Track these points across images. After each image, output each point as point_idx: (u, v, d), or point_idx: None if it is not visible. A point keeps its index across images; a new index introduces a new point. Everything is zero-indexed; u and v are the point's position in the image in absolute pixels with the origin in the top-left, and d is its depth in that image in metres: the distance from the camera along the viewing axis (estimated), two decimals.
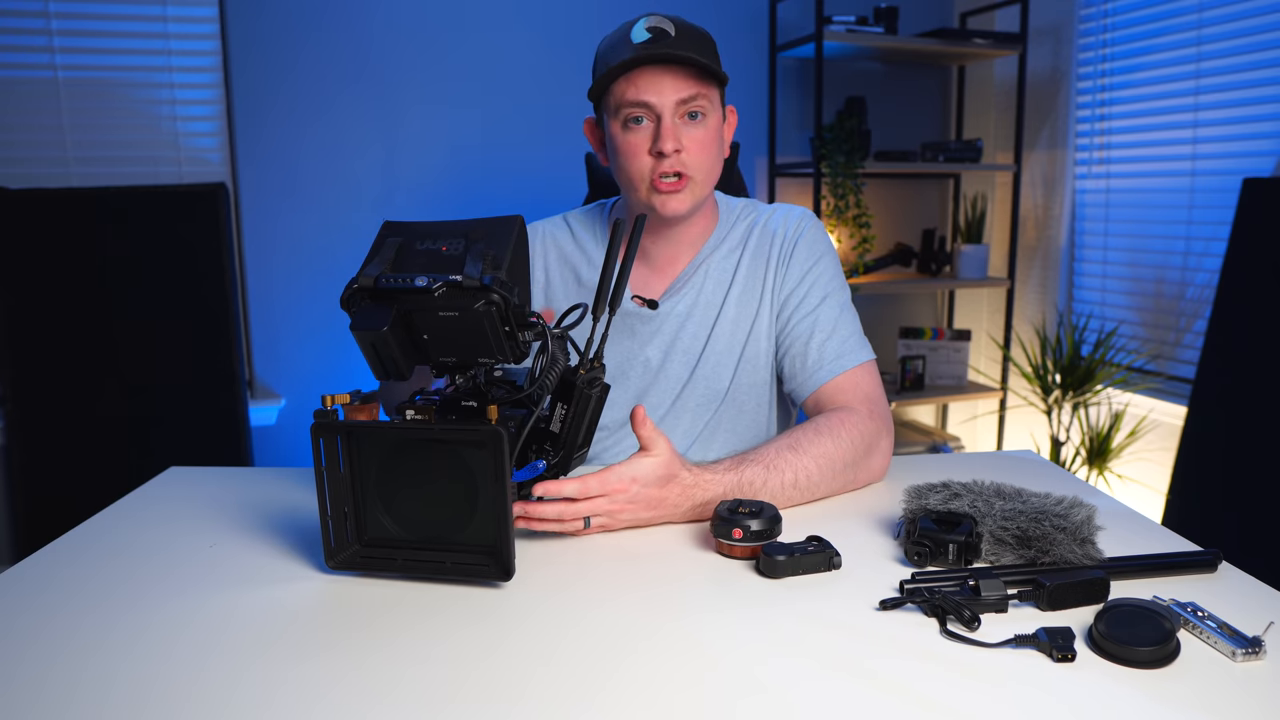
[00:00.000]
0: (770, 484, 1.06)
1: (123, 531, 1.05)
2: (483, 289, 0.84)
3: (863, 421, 1.16)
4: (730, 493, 1.03)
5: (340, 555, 0.89)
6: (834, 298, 1.27)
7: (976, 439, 3.39)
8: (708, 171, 1.21)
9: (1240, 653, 0.72)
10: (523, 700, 0.68)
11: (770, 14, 3.01)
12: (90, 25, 2.57)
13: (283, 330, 2.81)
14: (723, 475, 1.04)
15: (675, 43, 1.14)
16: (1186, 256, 2.55)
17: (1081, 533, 0.87)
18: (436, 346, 0.90)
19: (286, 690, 0.70)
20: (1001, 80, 3.22)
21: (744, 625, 0.80)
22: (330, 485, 0.88)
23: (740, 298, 1.29)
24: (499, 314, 0.86)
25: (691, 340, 1.30)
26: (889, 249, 3.25)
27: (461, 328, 0.87)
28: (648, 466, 0.98)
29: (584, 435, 0.99)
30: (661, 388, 1.30)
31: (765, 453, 1.08)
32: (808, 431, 1.12)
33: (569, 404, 0.97)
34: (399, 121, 2.81)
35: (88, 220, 2.38)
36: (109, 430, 2.41)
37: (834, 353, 1.24)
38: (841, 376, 1.23)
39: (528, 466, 0.95)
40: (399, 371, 0.89)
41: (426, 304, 0.86)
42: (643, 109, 1.16)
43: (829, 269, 1.29)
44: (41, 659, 0.75)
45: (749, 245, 1.31)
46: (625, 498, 0.98)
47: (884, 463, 1.19)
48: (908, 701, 0.67)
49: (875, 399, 1.22)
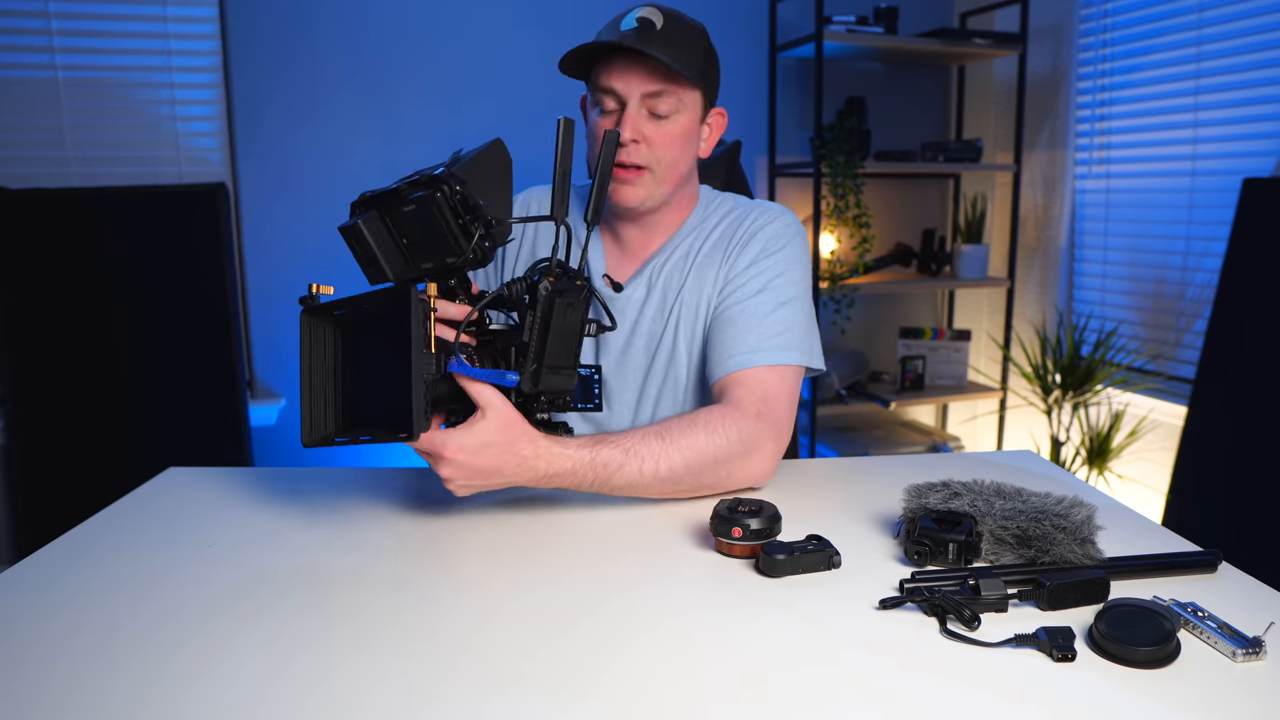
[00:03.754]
0: (628, 469, 1.02)
1: (122, 531, 1.05)
2: (433, 180, 0.92)
3: (745, 421, 1.10)
4: (580, 470, 1.00)
5: (314, 436, 0.95)
6: (774, 293, 1.21)
7: (976, 439, 3.39)
8: (669, 167, 1.21)
9: (1240, 653, 0.72)
10: (519, 695, 0.68)
11: (770, 14, 3.01)
12: (90, 25, 2.57)
13: (283, 330, 2.81)
14: (574, 451, 1.00)
15: (654, 37, 1.15)
16: (1186, 256, 2.55)
17: (1082, 532, 0.87)
18: (415, 251, 0.97)
19: (286, 690, 0.70)
20: (1001, 80, 3.22)
21: (743, 624, 0.80)
22: (314, 369, 0.95)
23: (694, 285, 1.27)
24: (446, 202, 0.92)
25: (651, 325, 1.29)
26: (889, 249, 3.25)
27: (422, 223, 0.94)
28: (476, 436, 0.94)
29: (555, 348, 0.97)
30: (626, 373, 1.30)
31: (629, 437, 1.04)
32: (681, 422, 1.08)
33: (534, 311, 0.97)
34: (399, 121, 2.81)
35: (88, 220, 2.37)
36: (109, 430, 2.41)
37: (747, 346, 1.18)
38: (746, 371, 1.17)
39: (495, 372, 0.95)
40: (381, 271, 0.97)
41: (396, 202, 0.95)
42: (610, 95, 1.19)
43: (780, 265, 1.23)
44: (41, 659, 0.75)
45: (713, 235, 1.29)
46: (452, 466, 0.94)
47: (765, 466, 1.13)
48: (907, 701, 0.67)
49: (772, 401, 1.15)
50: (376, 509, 1.10)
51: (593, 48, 1.18)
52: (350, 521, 1.06)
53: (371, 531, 1.03)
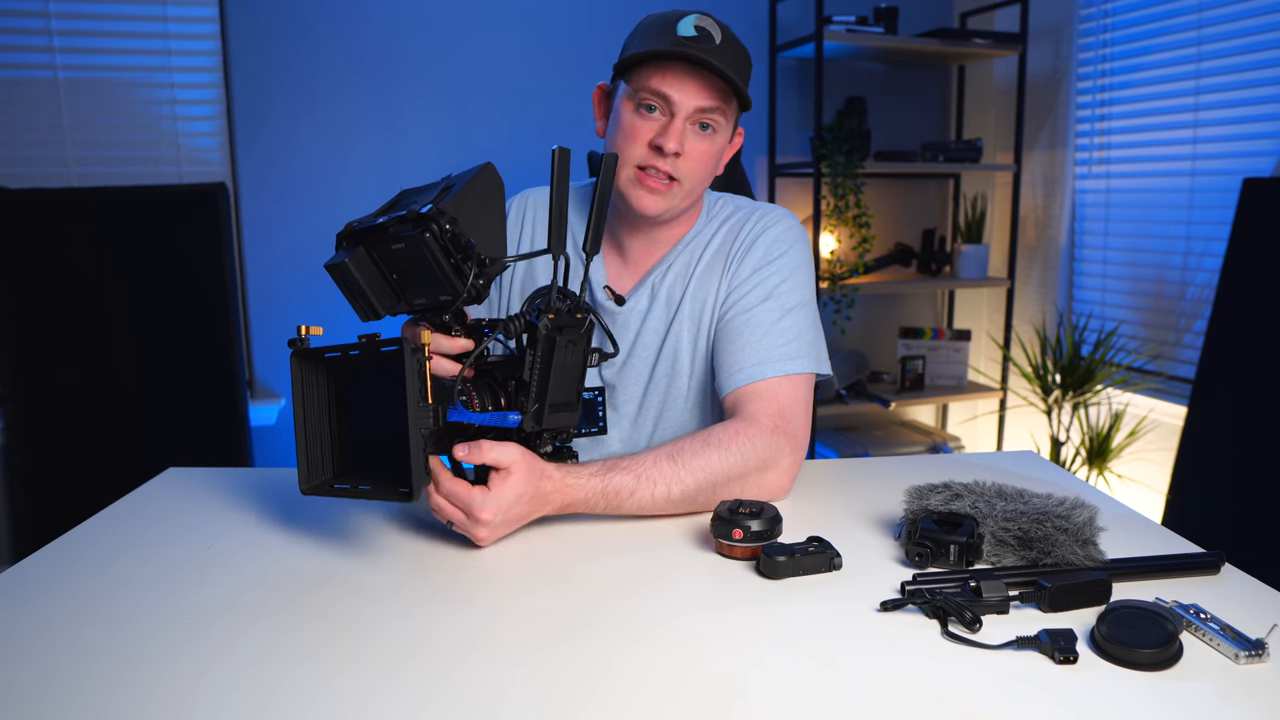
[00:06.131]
0: (639, 495, 1.02)
1: (122, 532, 1.05)
2: (421, 218, 0.89)
3: (761, 435, 1.09)
4: (593, 499, 1.00)
5: (312, 482, 0.93)
6: (779, 300, 1.20)
7: (976, 439, 3.39)
8: (696, 183, 1.19)
9: (1243, 655, 0.72)
10: (519, 696, 0.68)
11: (770, 14, 3.01)
12: (90, 25, 2.57)
13: (283, 330, 2.81)
14: (586, 480, 1.00)
15: (716, 50, 1.12)
16: (1186, 256, 2.55)
17: (1083, 534, 0.87)
18: (405, 287, 0.95)
19: (285, 689, 0.70)
20: (1001, 80, 3.22)
21: (744, 626, 0.80)
22: (307, 413, 0.93)
23: (695, 295, 1.25)
24: (436, 241, 0.89)
25: (653, 337, 1.27)
26: (889, 249, 3.25)
27: (413, 261, 0.91)
28: (508, 493, 0.94)
29: (557, 387, 0.95)
30: (627, 385, 1.28)
31: (640, 461, 1.04)
32: (695, 442, 1.07)
33: (535, 350, 0.94)
34: (399, 121, 2.81)
35: (88, 220, 2.37)
36: (109, 430, 2.40)
37: (757, 358, 1.17)
38: (760, 383, 1.15)
39: (495, 415, 0.94)
40: (371, 308, 0.95)
41: (383, 239, 0.92)
42: (661, 100, 1.14)
43: (783, 271, 1.22)
44: (41, 659, 0.75)
45: (713, 242, 1.26)
46: (489, 527, 0.94)
47: (783, 481, 1.12)
48: (909, 703, 0.67)
49: (788, 413, 1.14)
50: (375, 511, 1.10)
51: (655, 53, 1.12)
52: (349, 523, 1.06)
53: (370, 533, 1.03)
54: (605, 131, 1.23)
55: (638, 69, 1.15)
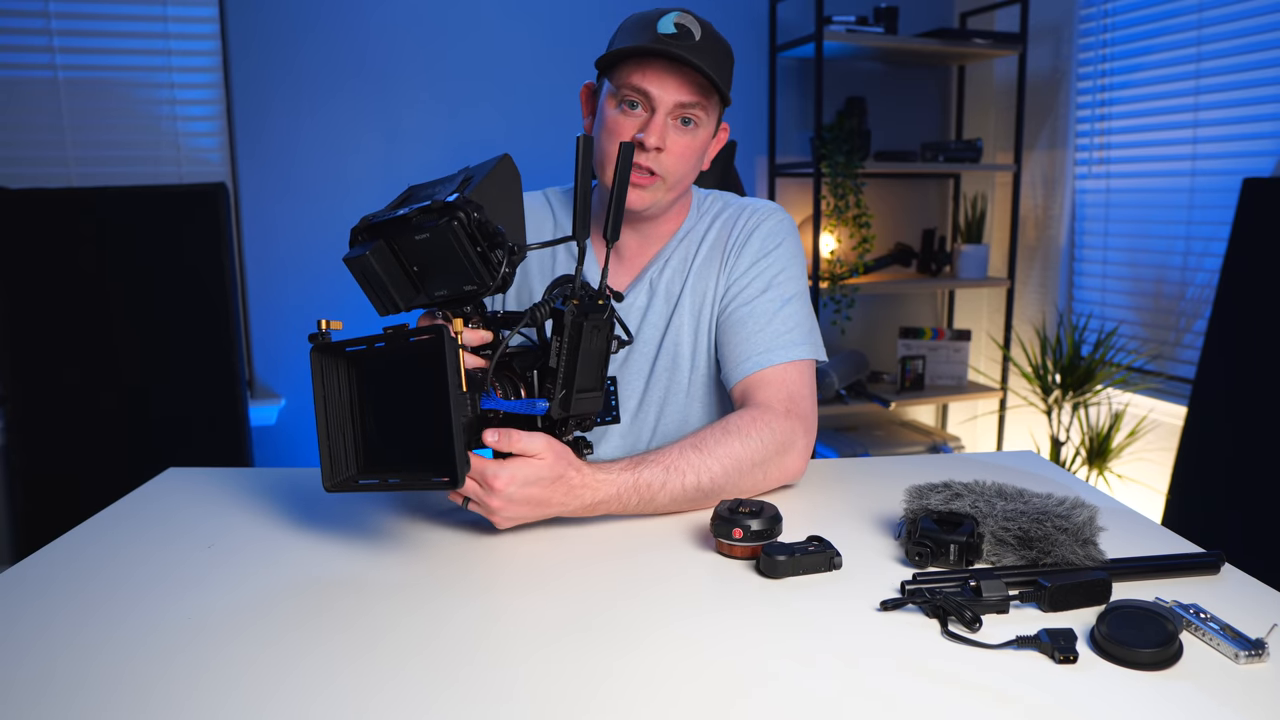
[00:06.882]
0: (670, 486, 1.03)
1: (122, 532, 1.05)
2: (447, 207, 0.89)
3: (776, 420, 1.13)
4: (625, 494, 1.01)
5: (337, 479, 0.92)
6: (778, 290, 1.24)
7: (976, 439, 3.39)
8: (680, 178, 1.21)
9: (1243, 655, 0.72)
10: (520, 696, 0.68)
11: (770, 14, 3.01)
12: (90, 25, 2.57)
13: (283, 330, 2.81)
14: (617, 475, 1.01)
15: (695, 47, 1.14)
16: (1186, 256, 2.55)
17: (1084, 534, 0.87)
18: (427, 279, 0.94)
19: (286, 689, 0.70)
20: (1001, 80, 3.22)
21: (744, 625, 0.80)
22: (329, 409, 0.92)
23: (694, 289, 1.27)
24: (464, 230, 0.88)
25: (653, 332, 1.29)
26: (889, 249, 3.25)
27: (437, 251, 0.90)
28: (529, 470, 0.93)
29: (584, 373, 0.95)
30: (628, 380, 1.30)
31: (667, 453, 1.05)
32: (715, 431, 1.09)
33: (561, 336, 0.95)
34: (399, 120, 2.81)
35: (88, 220, 2.37)
36: (109, 430, 2.40)
37: (763, 345, 1.20)
38: (767, 370, 1.19)
39: (524, 402, 0.94)
40: (391, 301, 0.95)
41: (405, 230, 0.92)
42: (641, 97, 1.16)
43: (780, 262, 1.25)
44: (41, 659, 0.75)
45: (708, 238, 1.29)
46: (503, 497, 0.93)
47: (800, 463, 1.15)
48: (909, 703, 0.67)
49: (798, 397, 1.18)
50: (376, 511, 1.10)
51: (635, 49, 1.15)
52: (350, 523, 1.06)
53: (372, 533, 1.03)
54: (592, 129, 1.25)
55: (619, 66, 1.18)
